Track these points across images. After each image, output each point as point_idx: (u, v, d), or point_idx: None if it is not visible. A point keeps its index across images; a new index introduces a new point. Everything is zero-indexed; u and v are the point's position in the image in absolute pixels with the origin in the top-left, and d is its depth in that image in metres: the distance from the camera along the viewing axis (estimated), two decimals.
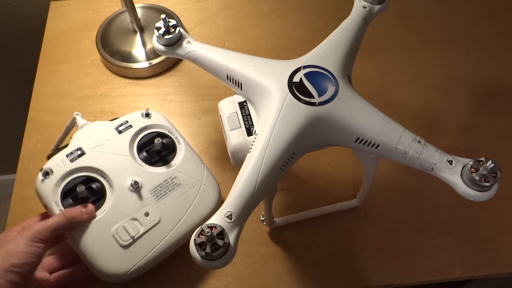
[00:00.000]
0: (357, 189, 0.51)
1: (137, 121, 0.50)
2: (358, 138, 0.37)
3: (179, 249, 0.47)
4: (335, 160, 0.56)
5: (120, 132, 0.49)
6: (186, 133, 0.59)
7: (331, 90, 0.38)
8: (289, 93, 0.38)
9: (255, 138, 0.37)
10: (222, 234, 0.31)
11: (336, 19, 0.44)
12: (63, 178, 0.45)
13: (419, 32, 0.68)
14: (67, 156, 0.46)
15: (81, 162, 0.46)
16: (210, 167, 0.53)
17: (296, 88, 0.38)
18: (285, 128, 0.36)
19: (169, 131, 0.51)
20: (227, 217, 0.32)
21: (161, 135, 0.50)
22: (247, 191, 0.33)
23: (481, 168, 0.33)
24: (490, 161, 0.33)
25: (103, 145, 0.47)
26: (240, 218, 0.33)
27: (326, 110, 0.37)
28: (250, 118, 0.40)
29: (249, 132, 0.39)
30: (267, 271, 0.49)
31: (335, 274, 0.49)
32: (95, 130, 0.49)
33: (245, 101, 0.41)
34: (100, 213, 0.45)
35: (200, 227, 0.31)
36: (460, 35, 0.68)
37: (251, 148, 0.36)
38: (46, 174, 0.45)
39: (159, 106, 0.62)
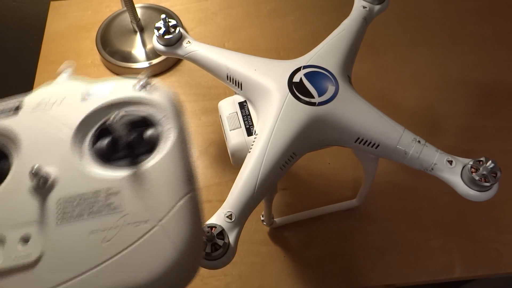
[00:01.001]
0: (357, 189, 0.51)
1: (121, 90, 0.30)
2: (358, 138, 0.37)
3: None
4: (335, 160, 0.56)
5: (84, 99, 0.29)
6: None
7: (331, 90, 0.38)
8: (289, 93, 0.38)
9: (255, 138, 0.37)
10: (222, 234, 0.31)
11: (336, 19, 0.44)
12: None
13: (419, 32, 0.68)
14: None
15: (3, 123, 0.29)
16: (210, 167, 0.52)
17: (296, 88, 0.38)
18: (285, 128, 0.36)
19: (162, 118, 0.29)
20: (227, 217, 0.32)
21: (145, 122, 0.29)
22: (247, 191, 0.33)
23: (481, 168, 0.33)
24: (490, 161, 0.33)
25: (49, 110, 0.29)
26: (240, 218, 0.33)
27: (326, 110, 0.37)
28: (250, 118, 0.40)
29: (249, 132, 0.39)
30: (267, 271, 0.49)
31: (335, 274, 0.49)
32: (61, 86, 0.32)
33: (245, 101, 0.41)
34: None
35: None
36: (460, 35, 0.68)
37: (251, 148, 0.36)
38: None
39: None
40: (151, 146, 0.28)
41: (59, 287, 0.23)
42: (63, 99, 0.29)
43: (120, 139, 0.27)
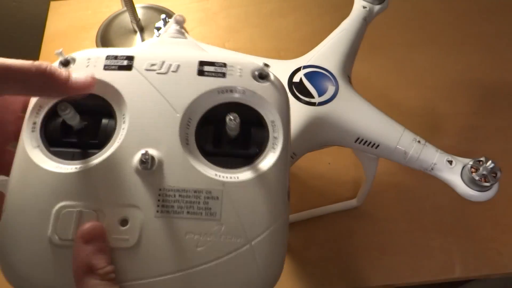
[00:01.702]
0: (357, 189, 0.51)
1: (238, 74, 0.27)
2: (358, 138, 0.37)
3: None
4: (335, 160, 0.56)
5: (202, 73, 0.27)
6: None
7: (331, 90, 0.38)
8: (289, 93, 0.38)
9: None
10: None
11: (336, 19, 0.44)
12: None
13: (419, 32, 0.68)
14: (107, 57, 0.27)
15: (114, 78, 0.27)
16: None
17: (296, 88, 0.38)
18: None
19: (272, 121, 0.27)
20: None
21: (255, 117, 0.27)
22: None
23: (481, 168, 0.33)
24: (490, 161, 0.33)
25: (165, 74, 0.27)
26: None
27: (326, 110, 0.37)
28: None
29: None
30: None
31: (335, 274, 0.49)
32: (175, 47, 0.30)
33: None
34: (69, 167, 0.25)
35: None
36: (460, 35, 0.67)
37: None
38: (67, 63, 0.27)
39: None
40: (257, 149, 0.26)
41: (151, 280, 0.23)
42: (179, 66, 0.27)
43: (226, 133, 0.26)
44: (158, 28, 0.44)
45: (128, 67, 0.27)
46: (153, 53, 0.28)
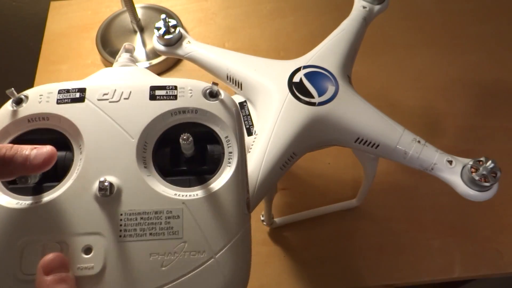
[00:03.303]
0: (357, 189, 0.51)
1: (189, 95, 0.28)
2: (358, 138, 0.37)
3: None
4: (335, 160, 0.56)
5: (154, 97, 0.27)
6: None
7: (331, 90, 0.38)
8: (289, 93, 0.38)
9: (255, 138, 0.37)
10: None
11: (336, 19, 0.44)
12: (30, 119, 0.27)
13: (419, 32, 0.68)
14: (59, 91, 0.28)
15: (67, 110, 0.27)
16: None
17: (296, 88, 0.38)
18: (285, 128, 0.36)
19: (226, 137, 0.27)
20: None
21: (209, 134, 0.28)
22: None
23: (481, 168, 0.33)
24: (490, 161, 0.33)
25: (118, 102, 0.27)
26: None
27: (326, 110, 0.37)
28: (250, 118, 0.40)
29: (249, 132, 0.39)
30: (267, 271, 0.49)
31: (335, 274, 0.49)
32: (126, 76, 0.31)
33: (245, 101, 0.41)
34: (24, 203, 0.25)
35: None
36: (460, 35, 0.68)
37: (251, 148, 0.36)
38: (19, 101, 0.27)
39: None
40: (213, 166, 0.27)
41: None
42: (131, 92, 0.27)
43: (183, 152, 0.27)
44: (158, 28, 0.44)
45: (81, 99, 0.27)
46: (105, 82, 0.28)
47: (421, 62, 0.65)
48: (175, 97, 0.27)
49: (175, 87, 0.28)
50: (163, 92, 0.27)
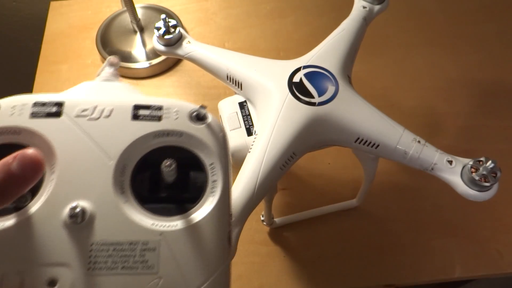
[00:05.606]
0: (357, 189, 0.51)
1: (174, 117, 0.26)
2: (358, 138, 0.37)
3: None
4: (335, 160, 0.56)
5: (137, 117, 0.25)
6: None
7: (331, 90, 0.38)
8: (289, 93, 0.38)
9: (255, 138, 0.37)
10: None
11: (336, 19, 0.44)
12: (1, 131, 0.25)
13: (419, 32, 0.68)
14: (34, 104, 0.25)
15: (41, 125, 0.24)
16: None
17: (296, 88, 0.38)
18: (285, 128, 0.36)
19: (211, 165, 0.25)
20: None
21: (192, 160, 0.25)
22: (247, 191, 0.33)
23: (481, 168, 0.33)
24: (490, 161, 0.33)
25: (97, 120, 0.25)
26: (240, 218, 0.33)
27: (326, 110, 0.37)
28: (250, 118, 0.40)
29: (249, 132, 0.39)
30: (267, 271, 0.49)
31: (335, 274, 0.49)
32: (110, 91, 0.29)
33: (245, 101, 0.41)
34: None
35: None
36: (460, 35, 0.68)
37: (251, 148, 0.36)
38: None
39: None
40: (196, 194, 0.25)
41: None
42: (112, 110, 0.25)
43: (163, 178, 0.24)
44: (158, 28, 0.44)
45: (57, 114, 0.25)
46: (85, 98, 0.26)
47: (421, 62, 0.65)
48: (159, 118, 0.25)
49: (161, 107, 0.25)
50: (147, 112, 0.25)
